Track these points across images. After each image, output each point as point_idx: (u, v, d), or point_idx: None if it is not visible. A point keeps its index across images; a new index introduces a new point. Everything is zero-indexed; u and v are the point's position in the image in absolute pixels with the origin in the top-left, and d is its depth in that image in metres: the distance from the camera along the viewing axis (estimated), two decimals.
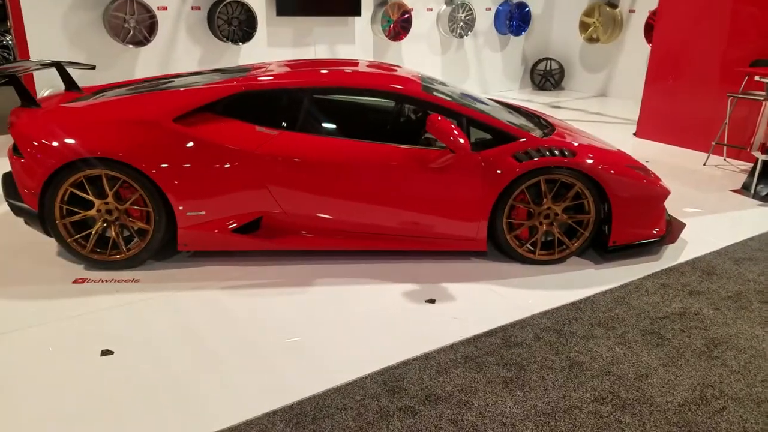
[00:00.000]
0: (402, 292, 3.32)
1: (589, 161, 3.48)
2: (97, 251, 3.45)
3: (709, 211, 4.77)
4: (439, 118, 3.33)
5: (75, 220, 3.39)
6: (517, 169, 3.41)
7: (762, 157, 5.22)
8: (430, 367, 2.64)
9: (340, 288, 3.37)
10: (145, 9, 6.84)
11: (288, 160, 3.37)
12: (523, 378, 2.58)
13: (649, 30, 9.06)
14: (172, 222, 3.41)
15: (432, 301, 3.24)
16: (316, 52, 8.45)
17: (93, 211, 3.37)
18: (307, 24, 8.26)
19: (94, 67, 4.52)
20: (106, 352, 2.70)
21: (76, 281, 3.36)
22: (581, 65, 10.79)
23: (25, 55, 6.40)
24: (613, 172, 3.52)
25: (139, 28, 6.85)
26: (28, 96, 3.56)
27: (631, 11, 9.75)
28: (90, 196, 3.33)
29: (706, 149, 6.36)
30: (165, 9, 7.16)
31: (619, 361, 2.74)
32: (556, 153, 3.46)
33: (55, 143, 3.24)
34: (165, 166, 3.27)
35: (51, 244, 3.76)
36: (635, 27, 9.69)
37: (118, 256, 3.46)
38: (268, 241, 3.52)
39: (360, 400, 2.41)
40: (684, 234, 4.11)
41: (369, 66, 4.22)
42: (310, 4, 8.04)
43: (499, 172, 3.42)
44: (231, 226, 3.46)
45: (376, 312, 3.13)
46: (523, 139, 3.56)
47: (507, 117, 3.89)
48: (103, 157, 3.23)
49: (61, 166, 3.23)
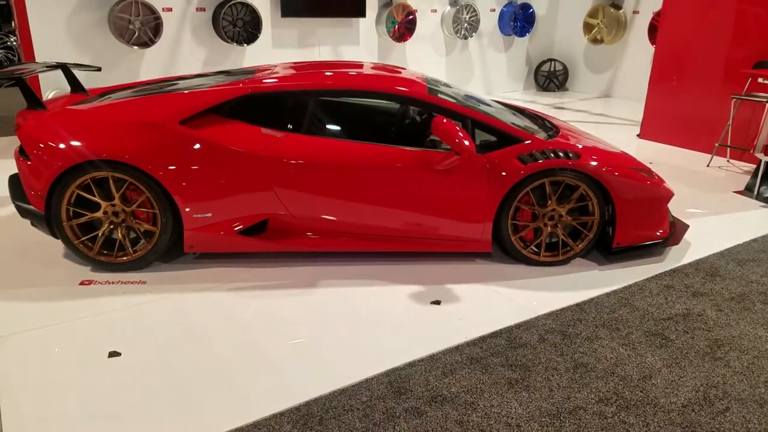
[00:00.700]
0: (407, 294, 3.34)
1: (594, 163, 3.49)
2: (103, 253, 3.47)
3: (713, 213, 4.78)
4: (444, 121, 3.34)
5: (82, 222, 3.41)
6: (521, 171, 3.42)
7: (765, 158, 5.22)
8: (436, 368, 2.65)
9: (346, 289, 3.39)
10: (150, 10, 6.86)
11: (294, 162, 3.39)
12: (528, 379, 2.60)
13: (653, 31, 9.05)
14: (179, 224, 3.43)
15: (437, 302, 3.25)
16: (321, 53, 8.48)
17: (99, 213, 3.39)
18: (312, 25, 8.28)
19: (99, 69, 4.55)
20: (114, 354, 2.72)
21: (82, 283, 3.39)
22: (585, 66, 10.79)
23: (31, 56, 6.43)
24: (617, 174, 3.53)
25: (144, 30, 6.87)
26: (34, 98, 3.57)
27: (635, 12, 9.75)
28: (97, 198, 3.36)
29: (709, 150, 6.37)
30: (170, 10, 7.19)
31: (624, 362, 2.75)
32: (561, 155, 3.47)
33: (61, 145, 3.26)
34: (171, 168, 3.30)
35: (57, 245, 3.78)
36: (639, 28, 9.69)
37: (125, 258, 3.48)
38: (274, 242, 3.54)
39: (366, 401, 2.42)
40: (687, 235, 4.12)
41: (374, 68, 4.24)
42: (314, 5, 8.06)
43: (503, 174, 3.43)
44: (237, 228, 3.48)
45: (382, 313, 3.15)
46: (527, 142, 3.57)
47: (511, 119, 3.90)
48: (110, 159, 3.25)
49: (67, 168, 3.25)
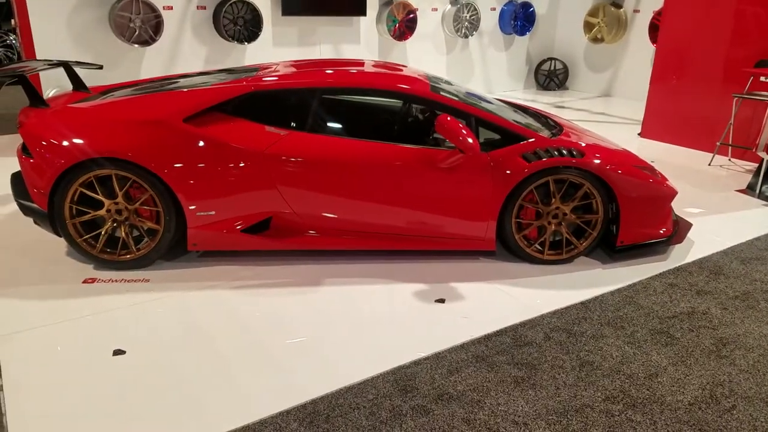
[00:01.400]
0: (411, 292, 3.33)
1: (598, 161, 3.48)
2: (106, 251, 3.46)
3: (715, 211, 4.78)
4: (449, 119, 3.33)
5: (85, 219, 3.40)
6: (525, 170, 3.41)
7: (767, 157, 5.22)
8: (442, 366, 2.65)
9: (350, 288, 3.38)
10: (151, 8, 6.84)
11: (297, 160, 3.38)
12: (534, 377, 2.59)
13: (653, 30, 9.05)
14: (182, 222, 3.42)
15: (442, 300, 3.25)
16: (321, 51, 8.46)
17: (103, 211, 3.38)
18: (313, 24, 8.26)
19: (101, 67, 4.53)
20: (118, 352, 2.71)
21: (85, 281, 3.37)
22: (585, 65, 10.79)
23: (32, 54, 6.41)
24: (620, 172, 3.53)
25: (144, 28, 6.85)
26: (36, 96, 3.56)
27: (635, 11, 9.74)
28: (100, 196, 3.34)
29: (710, 149, 6.37)
30: (170, 8, 7.17)
31: (629, 360, 2.75)
32: (565, 153, 3.46)
33: (64, 143, 3.25)
34: (175, 166, 3.28)
35: (60, 244, 3.77)
36: (640, 27, 9.68)
37: (128, 256, 3.46)
38: (277, 241, 3.53)
39: (372, 399, 2.42)
40: (690, 234, 4.11)
41: (375, 66, 4.23)
42: (315, 3, 8.04)
43: (508, 172, 3.43)
44: (241, 226, 3.47)
45: (386, 311, 3.14)
46: (531, 140, 3.56)
47: (515, 117, 3.89)
48: (113, 157, 3.23)
49: (70, 166, 3.24)
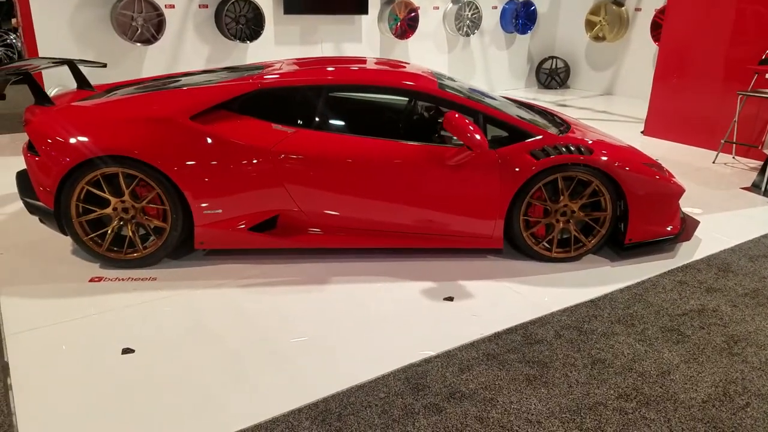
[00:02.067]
0: (420, 290, 3.32)
1: (606, 158, 3.47)
2: (113, 250, 3.44)
3: (721, 209, 4.76)
4: (456, 116, 3.31)
5: (91, 218, 3.38)
6: (533, 167, 3.40)
7: None
8: (453, 364, 2.63)
9: (357, 286, 3.36)
10: (153, 7, 6.82)
11: (304, 157, 3.36)
12: (546, 375, 2.58)
13: (655, 28, 9.05)
14: (189, 220, 3.40)
15: (450, 298, 3.23)
16: (323, 50, 8.44)
17: (109, 210, 3.36)
18: (314, 22, 8.24)
19: (105, 65, 4.52)
20: (127, 351, 2.69)
21: (92, 280, 3.35)
22: (587, 64, 10.78)
23: (34, 52, 6.39)
24: (628, 169, 3.51)
25: (146, 26, 6.83)
26: (42, 93, 3.54)
27: (637, 10, 9.73)
28: (106, 194, 3.32)
29: (714, 147, 6.35)
30: (173, 7, 7.15)
31: (641, 358, 2.73)
32: (573, 150, 3.45)
33: (71, 141, 3.23)
34: (182, 163, 3.26)
35: (66, 242, 3.75)
36: (641, 25, 9.67)
37: (135, 255, 3.44)
38: (284, 239, 3.51)
39: (384, 398, 2.40)
40: (698, 232, 4.10)
41: (378, 63, 4.21)
42: (317, 2, 8.02)
43: (516, 169, 3.41)
44: (248, 225, 3.44)
45: (395, 309, 3.12)
46: (539, 137, 3.54)
47: (521, 114, 3.88)
48: (120, 154, 3.21)
49: (77, 164, 3.22)
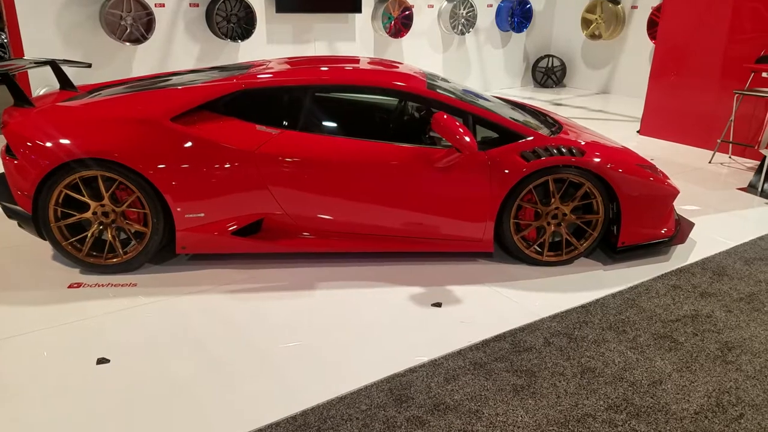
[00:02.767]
0: (407, 296, 3.24)
1: (598, 160, 3.39)
2: (93, 255, 3.35)
3: (717, 210, 4.69)
4: (445, 116, 3.23)
5: (70, 222, 3.30)
6: (524, 169, 3.32)
7: None
8: (438, 374, 2.55)
9: (343, 291, 3.28)
10: (142, 6, 6.73)
11: (289, 159, 3.28)
12: (534, 385, 2.50)
13: (651, 26, 8.97)
14: (171, 224, 3.32)
15: (438, 304, 3.15)
16: (316, 49, 8.36)
17: (89, 214, 3.28)
18: (307, 21, 8.16)
19: (90, 65, 4.43)
20: (102, 360, 2.61)
21: (71, 286, 3.27)
22: (583, 62, 10.70)
23: (20, 52, 6.30)
24: (621, 171, 3.44)
25: (136, 26, 6.74)
26: (21, 95, 3.46)
27: (633, 7, 9.65)
28: (85, 198, 3.24)
29: (711, 147, 6.29)
30: (162, 6, 7.06)
31: (632, 366, 2.66)
32: (564, 151, 3.37)
33: (49, 144, 3.15)
34: (163, 166, 3.18)
35: (45, 247, 3.67)
36: (638, 23, 9.60)
37: (115, 260, 3.36)
38: (269, 243, 3.43)
39: (366, 410, 2.32)
40: (692, 234, 4.03)
41: (370, 63, 4.13)
42: (309, 0, 7.93)
43: (506, 171, 3.33)
44: (231, 228, 3.37)
45: (381, 316, 3.04)
46: (530, 138, 3.47)
47: (512, 115, 3.80)
48: (99, 157, 3.13)
49: (55, 167, 3.14)
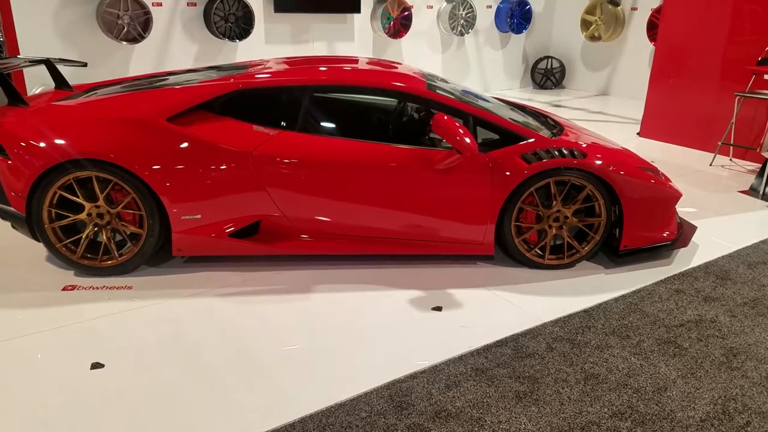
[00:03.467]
0: (407, 299, 3.19)
1: (600, 162, 3.35)
2: (87, 257, 3.30)
3: (718, 213, 4.65)
4: (445, 118, 3.19)
5: (64, 224, 3.24)
6: (525, 171, 3.28)
7: None
8: (439, 380, 2.50)
9: (342, 294, 3.23)
10: (140, 5, 6.68)
11: (287, 161, 3.23)
12: (537, 392, 2.45)
13: (651, 28, 8.95)
14: (166, 226, 3.27)
15: (438, 308, 3.10)
16: (315, 49, 8.31)
17: (83, 215, 3.23)
18: (306, 21, 8.11)
19: (86, 65, 4.39)
20: (96, 365, 2.56)
21: (65, 288, 3.21)
22: (583, 64, 10.67)
23: (15, 51, 6.24)
24: (623, 173, 3.40)
25: (133, 25, 6.69)
26: (15, 94, 3.40)
27: (633, 9, 9.63)
28: (80, 199, 3.19)
29: (711, 149, 6.25)
30: (160, 5, 7.00)
31: (636, 372, 2.61)
32: (566, 153, 3.33)
33: (42, 144, 3.10)
34: (158, 167, 3.13)
35: (38, 249, 3.61)
36: (637, 25, 9.57)
37: (110, 262, 3.31)
38: (266, 245, 3.38)
39: (366, 418, 2.27)
40: (695, 237, 3.99)
41: (369, 63, 4.08)
42: (308, 0, 7.88)
43: (507, 173, 3.29)
44: (228, 230, 3.31)
45: (380, 320, 2.99)
46: (531, 140, 3.42)
47: (513, 116, 3.75)
48: (94, 158, 3.08)
49: (49, 168, 3.08)
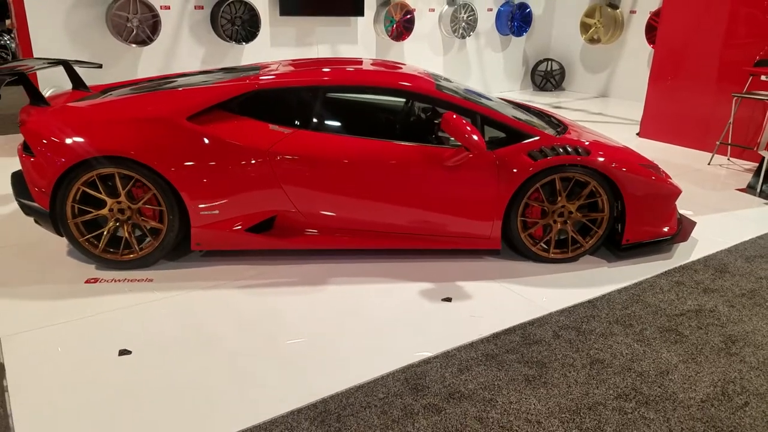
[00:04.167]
0: (417, 291, 3.31)
1: (603, 159, 3.47)
2: (109, 251, 3.41)
3: (717, 210, 4.78)
4: (454, 116, 3.31)
5: (87, 219, 3.36)
6: (531, 168, 3.40)
7: None
8: (452, 365, 2.63)
9: (355, 287, 3.35)
10: (148, 8, 6.80)
11: (302, 158, 3.35)
12: (545, 375, 2.57)
13: (650, 31, 9.09)
14: (186, 221, 3.39)
15: (448, 299, 3.23)
16: (319, 52, 8.44)
17: (105, 211, 3.34)
18: (310, 24, 8.24)
19: (101, 66, 4.49)
20: (124, 352, 2.67)
21: (88, 281, 3.33)
22: (582, 66, 10.81)
23: (29, 53, 6.36)
24: (625, 170, 3.52)
25: (142, 27, 6.81)
26: (37, 94, 3.52)
27: (632, 12, 9.77)
28: (102, 195, 3.30)
29: (709, 149, 6.39)
30: (168, 8, 7.12)
31: (639, 358, 2.73)
32: (570, 151, 3.45)
33: (67, 141, 3.21)
34: (179, 164, 3.24)
35: (61, 244, 3.72)
36: (636, 28, 9.72)
37: (131, 256, 3.42)
38: (281, 240, 3.50)
39: (383, 398, 2.39)
40: (694, 233, 4.11)
41: (375, 64, 4.20)
42: (313, 4, 8.01)
43: (514, 170, 3.41)
44: (245, 226, 3.43)
45: (393, 310, 3.11)
46: (536, 138, 3.55)
47: (518, 115, 3.88)
48: (116, 155, 3.20)
49: (73, 165, 3.20)
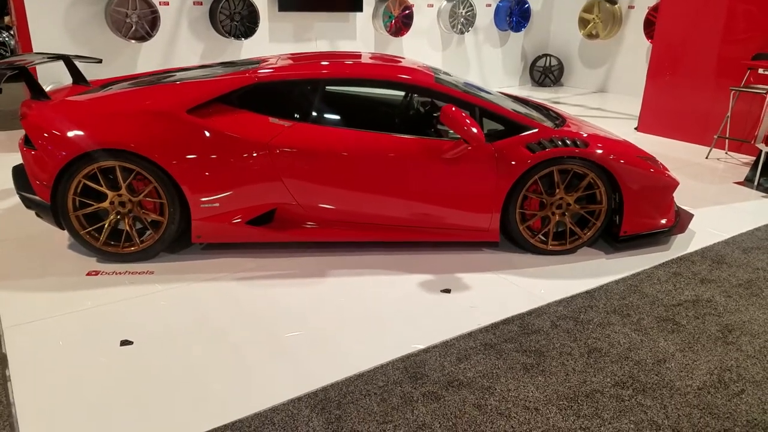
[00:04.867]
0: (417, 282, 3.33)
1: (601, 151, 3.50)
2: (110, 244, 3.43)
3: (714, 203, 4.81)
4: (453, 109, 3.33)
5: (88, 212, 3.38)
6: (529, 160, 3.42)
7: (766, 149, 5.26)
8: (450, 354, 2.65)
9: (353, 279, 3.38)
10: (147, 4, 6.81)
11: (301, 151, 3.37)
12: (543, 364, 2.60)
13: (648, 26, 9.11)
14: (186, 214, 3.41)
15: (447, 290, 3.25)
16: (318, 47, 8.45)
17: (106, 203, 3.36)
18: (309, 19, 8.25)
19: (100, 61, 4.52)
20: (126, 342, 2.70)
21: (89, 273, 3.35)
22: (581, 61, 10.83)
23: (28, 49, 6.37)
24: (623, 162, 3.54)
25: (141, 23, 6.82)
26: (38, 88, 3.54)
27: (630, 7, 9.79)
28: (103, 188, 3.32)
29: (707, 143, 6.41)
30: (167, 4, 7.14)
31: (637, 346, 2.76)
32: (569, 143, 3.47)
33: (68, 134, 3.23)
34: (179, 157, 3.26)
35: (62, 236, 3.75)
36: (634, 23, 9.74)
37: (132, 249, 3.44)
38: (282, 232, 3.52)
39: (383, 386, 2.42)
40: (691, 225, 4.14)
41: (374, 58, 4.22)
42: None
43: (512, 162, 3.43)
44: (245, 218, 3.45)
45: (392, 302, 3.14)
46: (535, 130, 3.57)
47: (517, 108, 3.90)
48: (117, 148, 3.21)
49: (74, 158, 3.22)
